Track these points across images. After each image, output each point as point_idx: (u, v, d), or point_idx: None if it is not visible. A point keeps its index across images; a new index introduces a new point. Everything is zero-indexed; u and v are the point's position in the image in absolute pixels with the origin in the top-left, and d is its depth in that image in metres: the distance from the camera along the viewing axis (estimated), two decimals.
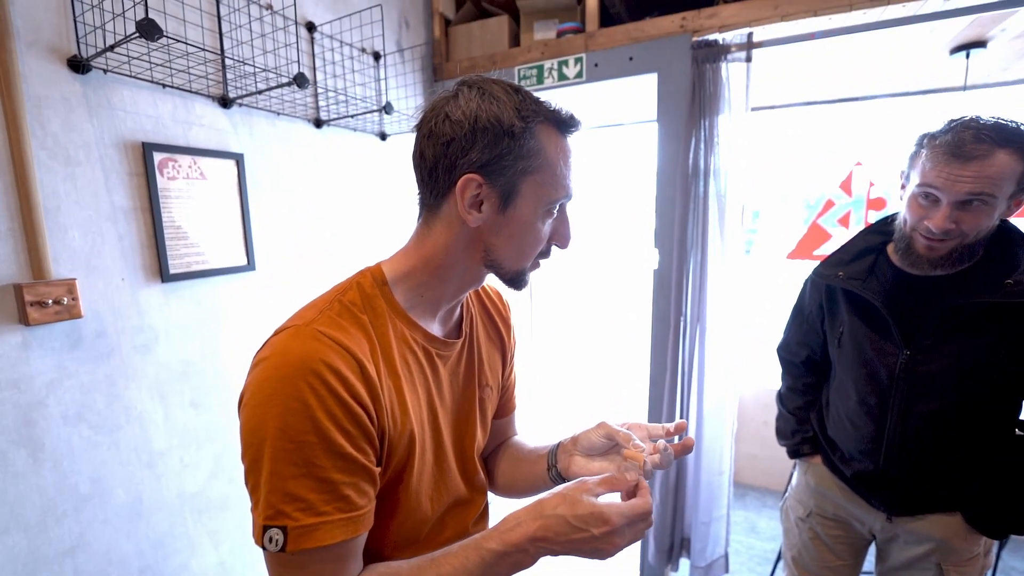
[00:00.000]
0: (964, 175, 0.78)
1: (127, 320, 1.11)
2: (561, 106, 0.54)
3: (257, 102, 1.34)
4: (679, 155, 1.59)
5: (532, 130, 0.51)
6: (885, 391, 0.96)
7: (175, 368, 1.21)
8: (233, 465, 1.36)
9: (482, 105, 0.50)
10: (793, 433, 1.20)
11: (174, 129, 1.18)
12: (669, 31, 1.56)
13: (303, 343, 0.47)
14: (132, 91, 1.09)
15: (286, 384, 0.45)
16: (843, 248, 1.06)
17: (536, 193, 0.52)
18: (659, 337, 1.72)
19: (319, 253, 1.58)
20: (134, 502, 1.14)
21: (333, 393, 0.45)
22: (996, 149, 0.76)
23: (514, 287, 0.58)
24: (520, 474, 0.71)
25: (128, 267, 1.11)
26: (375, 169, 1.77)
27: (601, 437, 0.61)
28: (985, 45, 1.60)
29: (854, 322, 1.01)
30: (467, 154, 0.50)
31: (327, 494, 0.46)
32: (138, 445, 1.14)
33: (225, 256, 1.31)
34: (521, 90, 0.52)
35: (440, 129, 0.51)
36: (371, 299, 0.54)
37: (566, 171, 0.54)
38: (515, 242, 0.54)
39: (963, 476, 0.95)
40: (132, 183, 1.10)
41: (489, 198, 0.52)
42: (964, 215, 0.81)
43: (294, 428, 0.44)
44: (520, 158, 0.50)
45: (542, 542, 0.46)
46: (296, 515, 0.44)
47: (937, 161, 0.81)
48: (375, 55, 1.71)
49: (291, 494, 0.44)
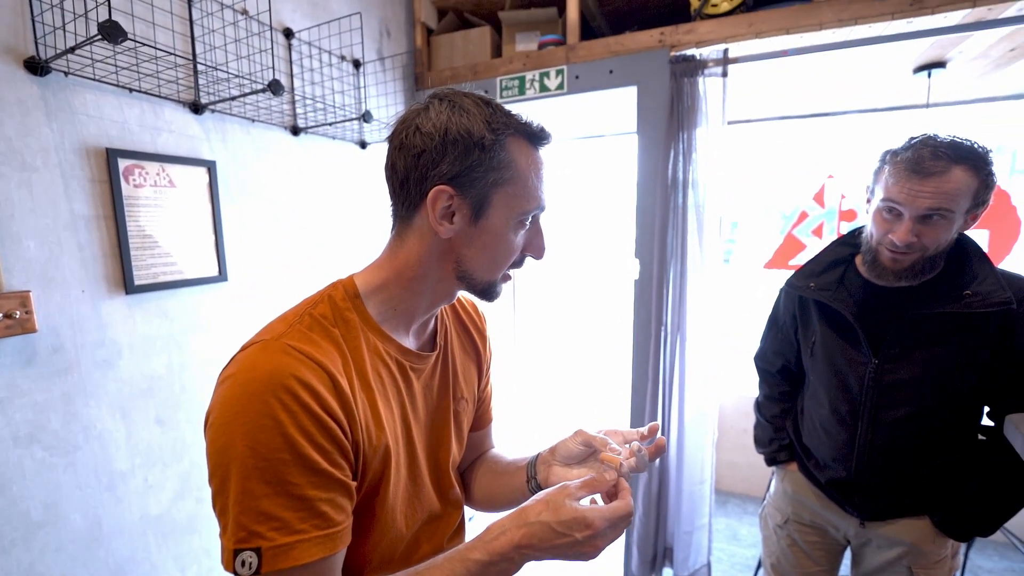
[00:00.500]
0: (924, 190, 0.81)
1: (87, 334, 1.05)
2: (532, 119, 0.54)
3: (231, 108, 1.31)
4: (659, 166, 1.61)
5: (502, 142, 0.51)
6: (855, 400, 0.98)
7: (139, 384, 1.15)
8: (201, 484, 1.30)
9: (452, 117, 0.50)
10: (770, 441, 1.21)
11: (141, 135, 1.13)
12: (648, 45, 1.59)
13: (272, 357, 0.45)
14: (96, 95, 1.04)
15: (255, 400, 0.43)
16: (814, 259, 1.08)
17: (508, 204, 0.52)
18: (640, 346, 1.73)
19: (296, 264, 1.54)
20: (92, 527, 1.07)
21: (305, 408, 0.44)
22: (952, 166, 0.80)
23: (486, 299, 0.58)
24: (499, 487, 0.70)
25: (89, 278, 1.05)
26: (354, 178, 1.75)
27: (579, 444, 0.61)
28: (945, 65, 1.67)
29: (826, 332, 1.03)
30: (438, 166, 0.50)
31: (303, 511, 0.44)
32: (98, 466, 1.08)
33: (195, 267, 1.26)
34: (492, 103, 0.53)
35: (411, 141, 0.51)
36: (343, 312, 0.53)
37: (537, 183, 0.54)
38: (487, 253, 0.54)
39: (930, 481, 0.97)
40: (94, 190, 1.05)
41: (460, 209, 0.52)
42: (925, 229, 0.84)
43: (265, 446, 0.43)
44: (491, 170, 0.51)
45: (527, 549, 0.46)
46: (271, 535, 0.43)
47: (899, 177, 0.84)
48: (355, 63, 1.69)
49: (265, 513, 0.43)
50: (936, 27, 1.34)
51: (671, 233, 1.62)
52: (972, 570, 1.96)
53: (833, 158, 2.40)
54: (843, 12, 1.35)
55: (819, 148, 2.42)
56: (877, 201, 0.91)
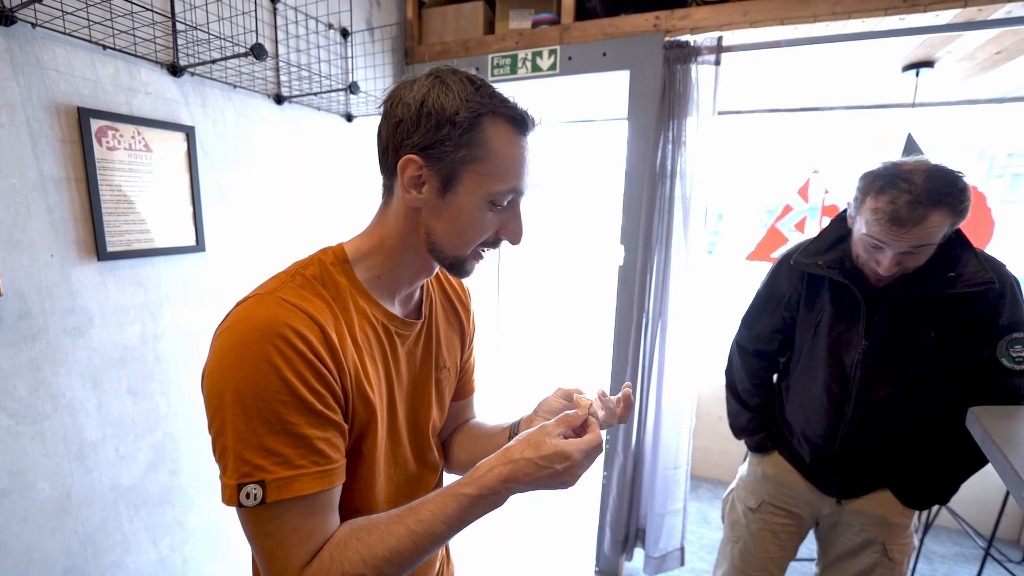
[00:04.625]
0: (904, 236, 0.86)
1: (56, 300, 1.02)
2: (519, 104, 0.54)
3: (211, 72, 1.26)
4: (647, 154, 1.60)
5: (478, 121, 0.52)
6: (847, 379, 1.02)
7: (111, 353, 1.13)
8: (175, 457, 1.29)
9: (431, 92, 0.52)
10: (756, 430, 1.21)
11: (115, 95, 1.09)
12: (643, 29, 1.57)
13: (267, 308, 0.48)
14: (66, 50, 0.99)
15: (252, 347, 0.46)
16: (818, 237, 1.08)
17: (477, 182, 0.53)
18: (621, 332, 1.75)
19: (277, 238, 1.51)
20: (60, 496, 1.05)
21: (299, 354, 0.47)
22: (930, 211, 0.83)
23: (455, 274, 0.60)
24: (480, 449, 0.75)
25: (59, 242, 1.02)
26: (339, 151, 1.71)
27: (560, 399, 0.68)
28: (933, 65, 1.69)
29: (832, 311, 1.04)
30: (411, 136, 0.52)
31: (302, 448, 0.47)
32: (67, 435, 1.06)
33: (171, 235, 1.22)
34: (478, 83, 0.53)
35: (393, 111, 0.54)
36: (332, 275, 0.55)
37: (513, 166, 0.54)
38: (454, 227, 0.55)
39: (904, 458, 1.03)
40: (65, 151, 1.01)
41: (429, 181, 0.54)
42: (907, 259, 0.89)
43: (264, 388, 0.45)
44: (461, 146, 0.52)
45: (512, 483, 0.50)
46: (273, 468, 0.45)
47: (880, 225, 0.87)
48: (343, 32, 1.64)
49: (267, 449, 0.45)
50: (927, 25, 1.35)
51: (657, 221, 1.63)
52: (926, 555, 2.06)
53: (819, 153, 2.43)
54: (838, 5, 1.35)
55: (805, 143, 2.44)
56: (860, 229, 0.93)
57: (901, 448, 1.03)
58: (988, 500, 2.10)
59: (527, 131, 0.55)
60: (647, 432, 1.77)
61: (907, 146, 1.85)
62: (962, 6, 1.26)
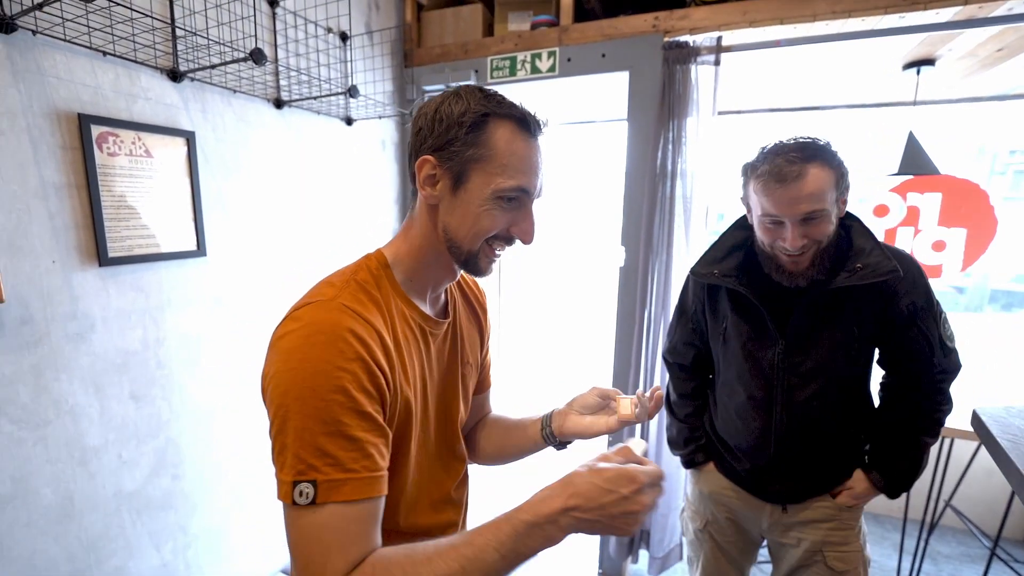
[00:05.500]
0: (791, 196, 0.87)
1: (58, 306, 1.02)
2: (527, 108, 0.59)
3: (211, 77, 1.26)
4: (647, 155, 1.60)
5: (483, 121, 0.56)
6: (769, 383, 1.00)
7: (113, 358, 1.13)
8: (177, 461, 1.29)
9: (445, 101, 0.58)
10: (686, 442, 1.17)
11: (116, 101, 1.09)
12: (642, 30, 1.57)
13: (331, 314, 0.51)
14: (67, 56, 1.00)
15: (317, 349, 0.49)
16: (714, 245, 1.08)
17: (484, 180, 0.57)
18: (623, 333, 1.74)
19: (278, 241, 1.51)
20: (63, 502, 1.05)
21: (359, 358, 0.50)
22: (807, 166, 0.86)
23: (471, 271, 0.63)
24: (510, 440, 0.80)
25: (60, 249, 1.02)
26: (339, 155, 1.71)
27: (595, 396, 0.74)
28: (934, 63, 1.69)
29: (734, 318, 1.03)
30: (427, 140, 0.58)
31: (354, 452, 0.49)
32: (69, 441, 1.06)
33: (173, 240, 1.23)
34: (490, 93, 0.58)
35: (416, 122, 0.60)
36: (378, 279, 0.60)
37: (519, 164, 0.58)
38: (467, 221, 0.59)
39: (842, 457, 1.03)
40: (66, 157, 1.01)
41: (443, 178, 0.58)
42: (809, 228, 0.89)
43: (324, 387, 0.48)
44: (469, 145, 0.56)
45: (574, 511, 0.47)
46: (325, 470, 0.47)
47: (766, 189, 0.89)
48: (342, 36, 1.65)
49: (321, 449, 0.47)
50: (928, 23, 1.35)
51: (658, 222, 1.63)
52: (931, 555, 2.04)
53: None
54: (837, 4, 1.35)
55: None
56: (757, 214, 0.95)
57: (839, 446, 1.03)
58: (993, 499, 2.09)
59: (533, 132, 0.59)
60: (650, 433, 1.77)
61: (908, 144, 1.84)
62: (963, 3, 1.25)
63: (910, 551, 1.87)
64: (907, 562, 1.83)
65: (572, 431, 0.74)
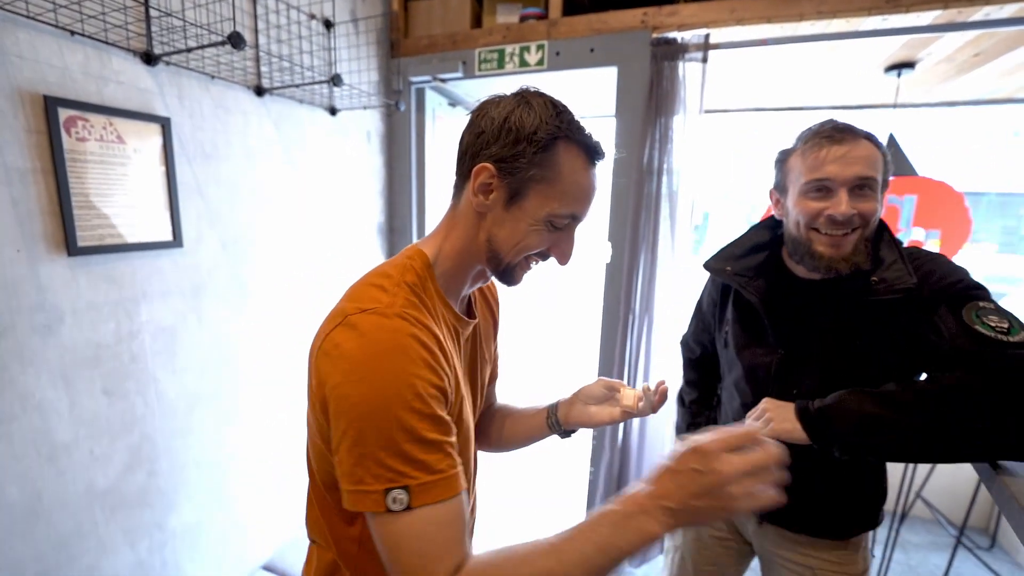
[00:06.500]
0: (847, 154, 0.80)
1: (23, 297, 0.98)
2: (593, 136, 0.58)
3: (188, 62, 1.22)
4: (634, 151, 1.60)
5: (553, 144, 0.55)
6: (764, 393, 0.90)
7: (84, 352, 1.09)
8: (153, 457, 1.26)
9: (516, 111, 0.56)
10: (688, 427, 1.15)
11: (85, 84, 1.04)
12: (631, 25, 1.56)
13: (392, 322, 0.51)
14: (30, 34, 0.95)
15: (386, 360, 0.49)
16: (735, 242, 1.02)
17: (541, 202, 0.57)
18: (608, 329, 1.75)
19: (257, 232, 1.47)
20: (30, 500, 1.02)
21: (426, 363, 0.50)
22: (860, 137, 0.82)
23: (505, 281, 0.63)
24: (519, 428, 0.83)
25: (25, 237, 0.98)
26: (323, 145, 1.67)
27: (602, 387, 0.76)
28: (914, 67, 1.72)
29: (737, 320, 0.98)
30: (489, 147, 0.56)
31: (437, 453, 0.50)
32: (37, 437, 1.02)
33: (147, 230, 1.18)
34: (562, 109, 0.57)
35: (477, 123, 0.58)
36: (424, 281, 0.59)
37: (578, 192, 0.58)
38: (514, 238, 0.59)
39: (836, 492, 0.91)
40: (30, 141, 0.97)
41: (499, 190, 0.57)
42: (859, 202, 0.80)
43: (400, 397, 0.48)
44: (534, 164, 0.55)
45: (660, 498, 0.48)
46: (415, 474, 0.48)
47: (819, 150, 0.82)
48: (326, 23, 1.60)
49: (407, 456, 0.48)
50: (909, 26, 1.37)
51: (644, 219, 1.63)
52: (901, 544, 2.11)
53: None
54: (823, 5, 1.36)
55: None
56: (798, 189, 0.85)
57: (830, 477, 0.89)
58: (960, 490, 2.16)
59: (597, 161, 0.59)
60: (633, 428, 1.79)
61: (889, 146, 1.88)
62: (942, 7, 1.28)
63: (881, 541, 1.93)
64: (879, 551, 1.89)
65: (577, 420, 0.77)
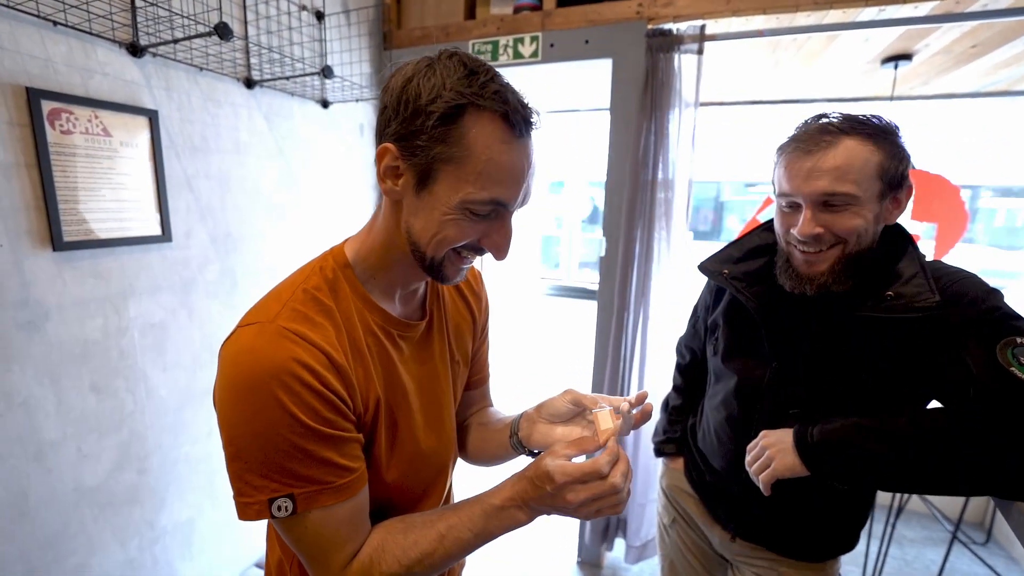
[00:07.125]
0: (810, 168, 0.70)
1: (7, 293, 0.96)
2: (517, 97, 0.47)
3: (175, 53, 1.20)
4: (630, 144, 1.59)
5: (459, 114, 0.45)
6: (752, 407, 0.85)
7: (71, 349, 1.08)
8: (143, 455, 1.24)
9: (415, 78, 0.46)
10: (664, 431, 1.12)
11: (69, 76, 1.02)
12: (625, 16, 1.55)
13: (270, 342, 0.46)
14: (10, 25, 0.93)
15: (260, 387, 0.45)
16: (735, 243, 0.94)
17: (453, 186, 0.47)
18: (603, 323, 1.74)
19: (248, 226, 1.46)
20: (16, 499, 1.00)
21: (308, 387, 0.46)
22: (842, 137, 0.69)
23: (433, 276, 0.55)
24: (487, 443, 0.73)
25: (8, 231, 0.96)
26: (314, 138, 1.65)
27: (567, 403, 0.62)
28: (911, 58, 1.71)
29: (730, 328, 0.90)
30: (390, 124, 0.48)
31: (325, 467, 0.48)
32: (22, 435, 1.01)
33: (135, 225, 1.17)
34: (473, 68, 0.46)
35: (382, 98, 0.50)
36: (333, 283, 0.54)
37: (497, 172, 0.47)
38: (430, 228, 0.50)
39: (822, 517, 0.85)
40: (13, 134, 0.95)
41: (406, 173, 0.49)
42: (830, 218, 0.71)
43: (278, 423, 0.45)
44: (437, 141, 0.46)
45: (518, 500, 0.52)
46: (299, 484, 0.47)
47: (789, 161, 0.74)
48: (317, 14, 1.58)
49: (289, 471, 0.47)
50: (907, 16, 1.35)
51: (639, 212, 1.62)
52: (897, 539, 2.12)
53: None
54: None
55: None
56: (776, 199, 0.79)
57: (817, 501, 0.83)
58: None
59: (522, 132, 0.47)
60: None
61: None
62: None
63: (877, 535, 1.93)
64: (875, 546, 1.89)
65: (540, 443, 0.63)
